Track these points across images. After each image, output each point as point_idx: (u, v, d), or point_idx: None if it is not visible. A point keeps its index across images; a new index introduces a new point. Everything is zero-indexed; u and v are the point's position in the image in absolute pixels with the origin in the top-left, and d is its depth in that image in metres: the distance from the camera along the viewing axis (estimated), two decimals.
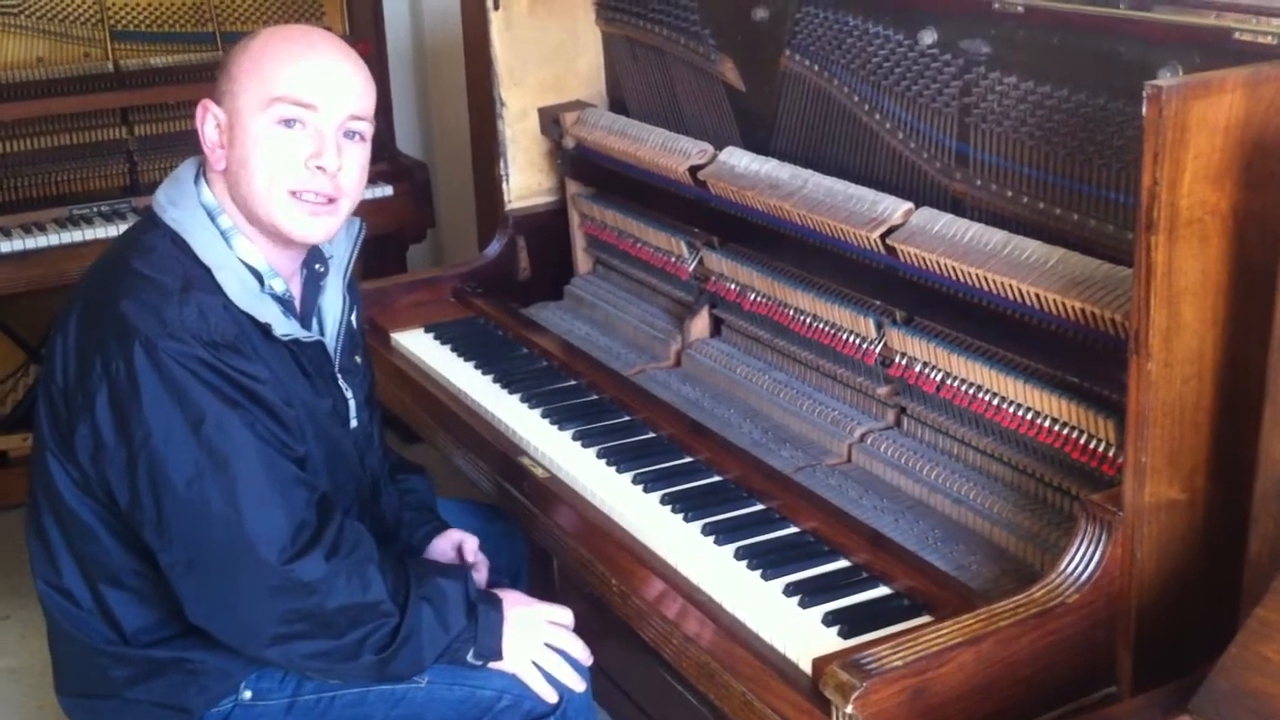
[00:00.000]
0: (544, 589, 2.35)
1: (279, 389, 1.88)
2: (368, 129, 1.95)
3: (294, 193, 1.88)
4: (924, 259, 2.01)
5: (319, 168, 1.88)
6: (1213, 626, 1.60)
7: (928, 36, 2.09)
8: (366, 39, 3.87)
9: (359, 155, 1.94)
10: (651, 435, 2.31)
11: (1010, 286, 1.87)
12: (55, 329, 1.92)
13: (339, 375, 2.05)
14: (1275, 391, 1.52)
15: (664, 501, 2.09)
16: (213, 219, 1.92)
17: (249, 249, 1.93)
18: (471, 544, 2.22)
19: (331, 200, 1.91)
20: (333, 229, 1.95)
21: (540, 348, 2.67)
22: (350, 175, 1.93)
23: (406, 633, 1.85)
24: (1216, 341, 1.61)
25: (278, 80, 1.87)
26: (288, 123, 1.87)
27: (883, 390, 2.21)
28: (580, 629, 2.02)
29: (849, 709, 1.52)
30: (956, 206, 2.08)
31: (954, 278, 1.97)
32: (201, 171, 1.96)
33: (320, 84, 1.88)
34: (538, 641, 1.96)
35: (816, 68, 2.33)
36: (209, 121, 1.91)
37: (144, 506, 1.81)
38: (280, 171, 1.88)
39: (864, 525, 1.98)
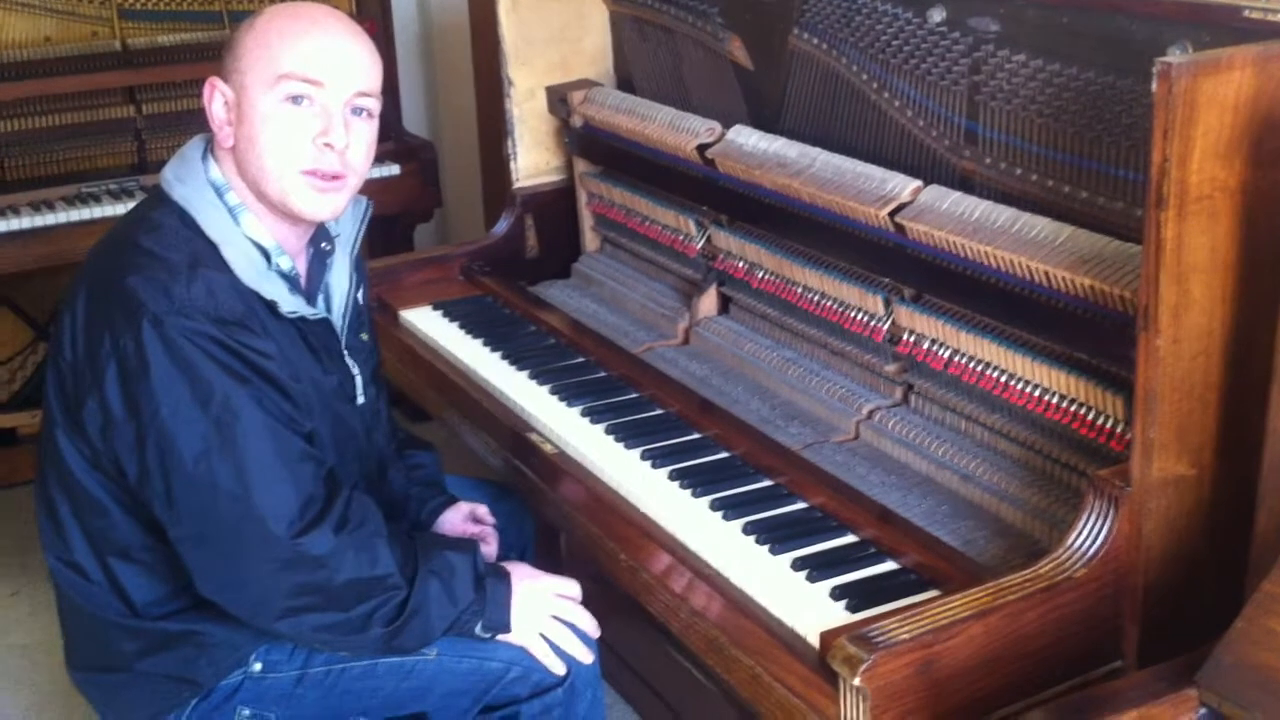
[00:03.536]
0: (551, 565, 2.35)
1: (286, 366, 1.89)
2: (375, 105, 1.95)
3: (303, 172, 1.89)
4: (932, 236, 2.01)
5: (327, 145, 1.89)
6: (1219, 601, 1.60)
7: (937, 14, 2.09)
8: (373, 18, 3.87)
9: (366, 132, 1.94)
10: (660, 412, 2.32)
11: (1019, 264, 1.87)
12: (63, 306, 1.93)
13: (345, 352, 2.05)
14: None
15: (672, 477, 2.10)
16: (220, 196, 1.92)
17: (256, 226, 1.93)
18: (484, 510, 2.24)
19: (339, 177, 1.92)
20: (339, 207, 1.95)
21: (548, 325, 2.68)
22: (358, 152, 1.93)
23: (414, 606, 1.86)
24: (1225, 318, 1.61)
25: (285, 57, 1.87)
26: (295, 100, 1.88)
27: (891, 367, 2.22)
28: (588, 606, 2.03)
29: (856, 681, 1.53)
30: (965, 184, 2.08)
31: (963, 255, 1.97)
32: (209, 149, 1.96)
33: (327, 61, 1.88)
34: (545, 614, 1.97)
35: (825, 46, 2.33)
36: (216, 99, 1.92)
37: (153, 481, 1.82)
38: (289, 150, 1.88)
39: (872, 501, 1.99)
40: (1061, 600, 1.64)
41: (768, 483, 2.08)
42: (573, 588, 2.02)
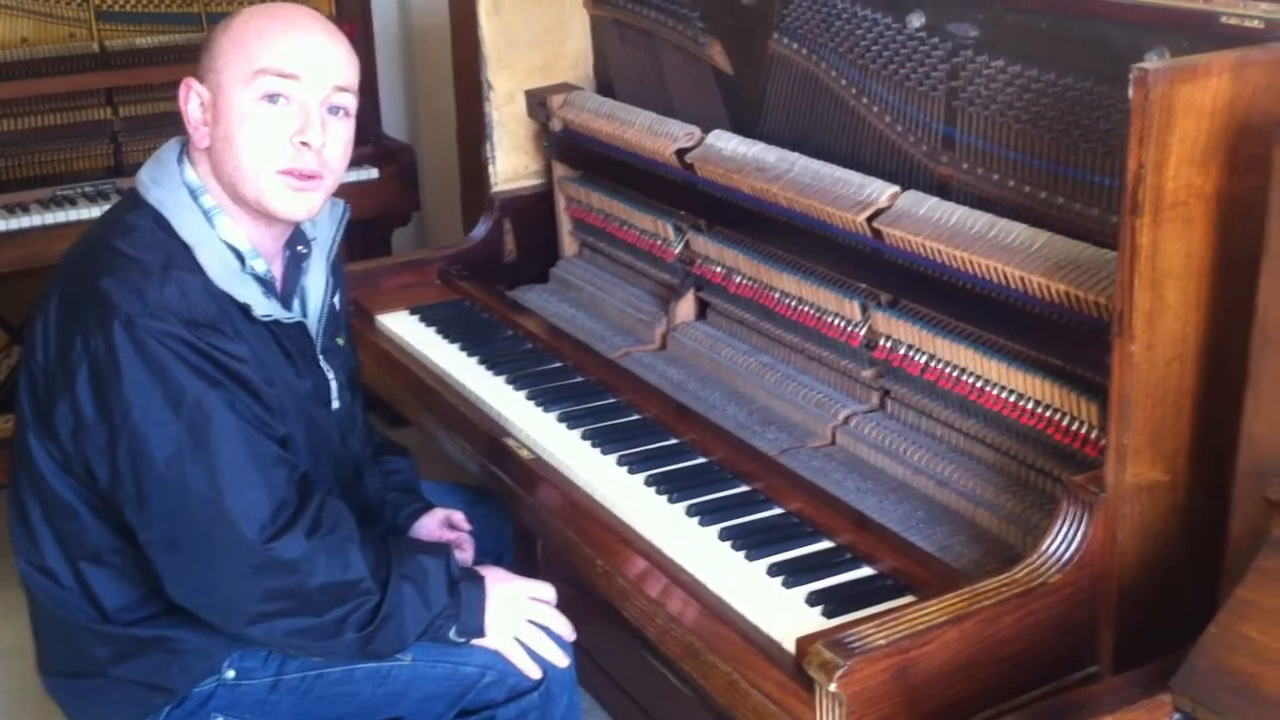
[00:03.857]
0: (527, 570, 2.35)
1: (260, 369, 1.88)
2: (351, 103, 1.94)
3: (280, 171, 1.88)
4: (909, 242, 2.01)
5: (304, 143, 1.88)
6: (1194, 606, 1.60)
7: (916, 20, 2.09)
8: (353, 21, 3.86)
9: (343, 131, 1.94)
10: (636, 417, 2.31)
11: (995, 269, 1.87)
12: (36, 308, 1.91)
13: (320, 356, 2.04)
14: (1257, 374, 1.53)
15: (648, 483, 2.10)
16: (195, 198, 1.91)
17: (231, 229, 1.92)
18: (460, 517, 2.23)
19: (316, 177, 1.91)
20: (316, 207, 1.94)
21: (526, 330, 2.67)
22: (334, 151, 1.92)
23: (388, 611, 1.85)
24: (1199, 324, 1.61)
25: (261, 54, 1.87)
26: (271, 98, 1.87)
27: (867, 373, 2.21)
28: (564, 612, 2.02)
29: (832, 687, 1.53)
30: (942, 190, 2.09)
31: (939, 261, 1.97)
32: (185, 151, 1.95)
33: (304, 56, 1.88)
34: (520, 618, 1.96)
35: (804, 51, 2.33)
36: (192, 100, 1.91)
37: (124, 485, 1.80)
38: (266, 149, 1.87)
39: (848, 506, 1.99)
40: (1037, 606, 1.64)
41: (744, 488, 2.07)
42: (547, 591, 2.02)
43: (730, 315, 2.53)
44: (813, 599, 1.78)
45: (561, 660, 1.99)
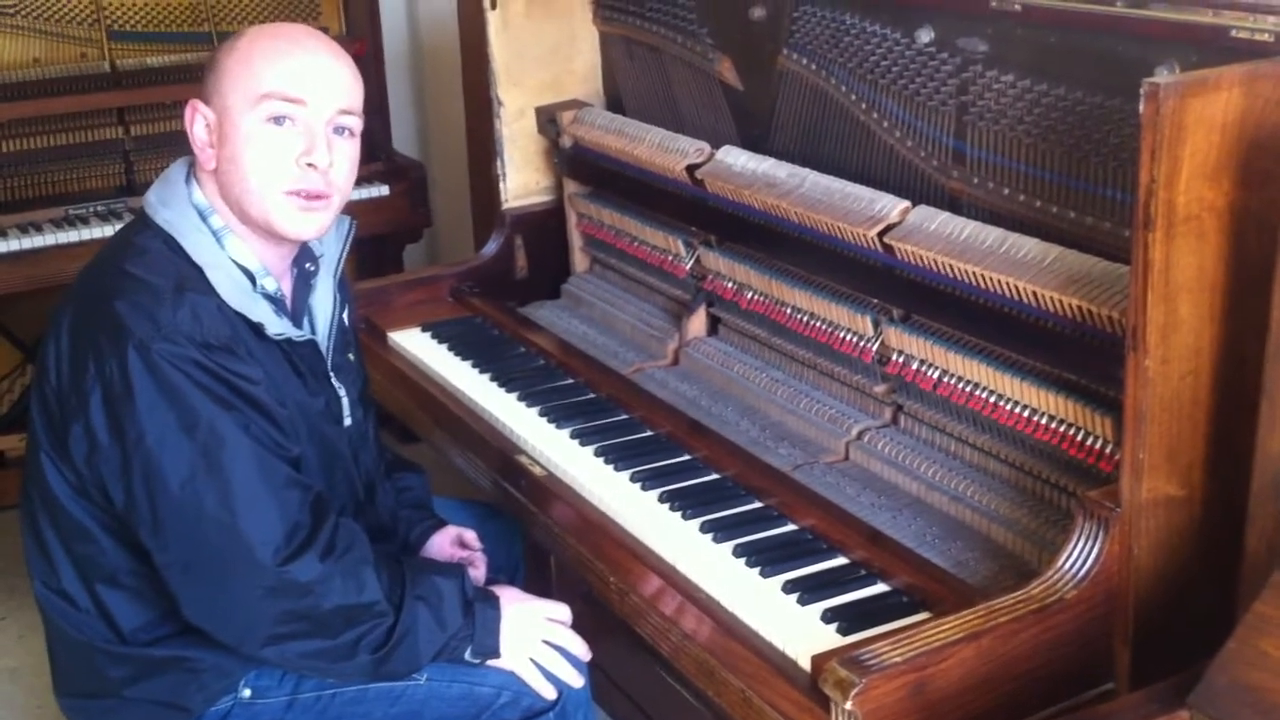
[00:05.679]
0: (541, 587, 2.35)
1: (272, 389, 1.88)
2: (357, 124, 1.95)
3: (287, 192, 1.89)
4: (921, 257, 2.01)
5: (310, 165, 1.88)
6: (1211, 622, 1.60)
7: (925, 35, 2.09)
8: (363, 38, 3.87)
9: (349, 151, 1.94)
10: (649, 433, 2.31)
11: (1007, 284, 1.87)
12: (48, 330, 1.92)
13: (331, 374, 2.05)
14: (1272, 388, 1.52)
15: (662, 499, 2.09)
16: (204, 219, 1.92)
17: (241, 248, 1.93)
18: (471, 535, 2.23)
19: (323, 197, 1.91)
20: (324, 225, 1.95)
21: (538, 346, 2.67)
22: (341, 171, 1.93)
23: (402, 632, 1.85)
24: (1214, 338, 1.61)
25: (265, 77, 1.87)
26: (277, 120, 1.87)
27: (880, 388, 2.21)
28: (578, 628, 2.02)
29: (848, 705, 1.52)
30: (954, 204, 2.08)
31: (951, 275, 1.97)
32: (192, 171, 1.96)
33: (308, 79, 1.88)
34: (535, 638, 1.96)
35: (814, 66, 2.33)
36: (198, 121, 1.91)
37: (139, 508, 1.81)
38: (272, 171, 1.88)
39: (862, 522, 1.98)
40: (1053, 622, 1.63)
41: (758, 504, 2.07)
42: (563, 611, 2.01)
43: (742, 331, 2.53)
44: (827, 616, 1.78)
45: (577, 680, 1.98)
